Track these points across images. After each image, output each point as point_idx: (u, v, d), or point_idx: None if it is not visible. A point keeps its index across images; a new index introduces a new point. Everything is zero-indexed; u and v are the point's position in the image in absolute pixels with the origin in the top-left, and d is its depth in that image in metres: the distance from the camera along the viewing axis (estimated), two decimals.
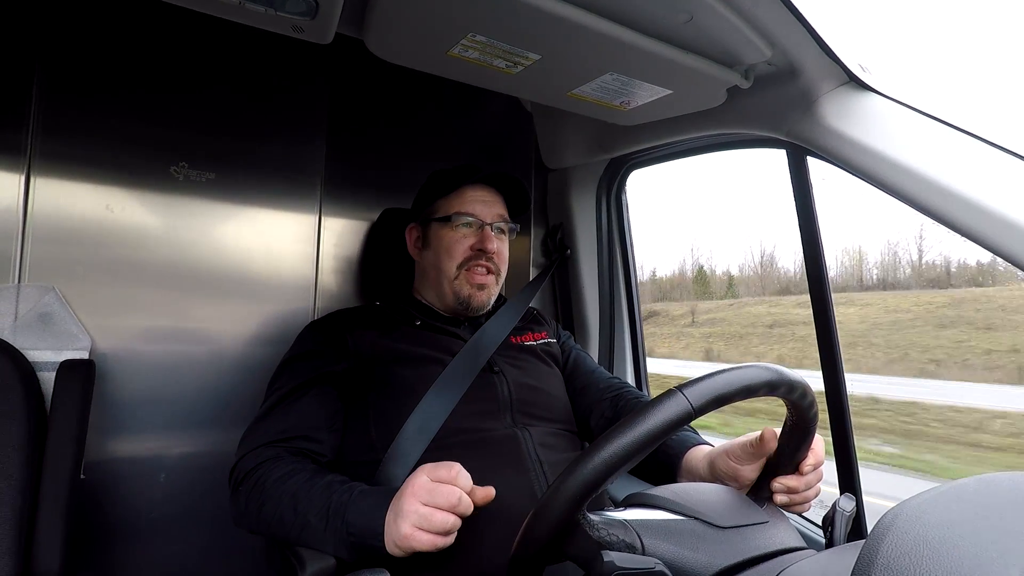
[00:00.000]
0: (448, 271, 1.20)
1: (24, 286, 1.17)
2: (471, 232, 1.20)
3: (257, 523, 0.94)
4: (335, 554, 0.87)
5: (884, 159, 0.94)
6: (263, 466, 0.96)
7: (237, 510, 0.97)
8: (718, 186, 19.15)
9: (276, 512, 0.90)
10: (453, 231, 1.20)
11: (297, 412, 1.03)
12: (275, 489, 0.91)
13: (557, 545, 0.62)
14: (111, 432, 1.25)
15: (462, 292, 1.19)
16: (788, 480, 0.82)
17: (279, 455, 0.97)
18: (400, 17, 0.90)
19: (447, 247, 1.20)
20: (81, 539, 1.19)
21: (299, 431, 1.01)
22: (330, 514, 0.86)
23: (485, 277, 1.20)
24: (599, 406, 1.23)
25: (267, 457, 0.97)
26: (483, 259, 1.19)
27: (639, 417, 0.60)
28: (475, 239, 1.20)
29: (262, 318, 1.44)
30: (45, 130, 1.21)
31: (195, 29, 1.36)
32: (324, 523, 0.86)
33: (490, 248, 1.19)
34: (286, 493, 0.90)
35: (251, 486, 0.94)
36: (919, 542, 0.41)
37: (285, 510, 0.89)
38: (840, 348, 1.20)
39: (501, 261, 1.23)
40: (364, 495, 0.87)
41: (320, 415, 1.04)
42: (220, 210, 1.40)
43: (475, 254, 1.19)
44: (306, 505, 0.88)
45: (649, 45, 0.96)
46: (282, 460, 0.96)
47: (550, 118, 1.79)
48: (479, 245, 1.19)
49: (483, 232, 1.20)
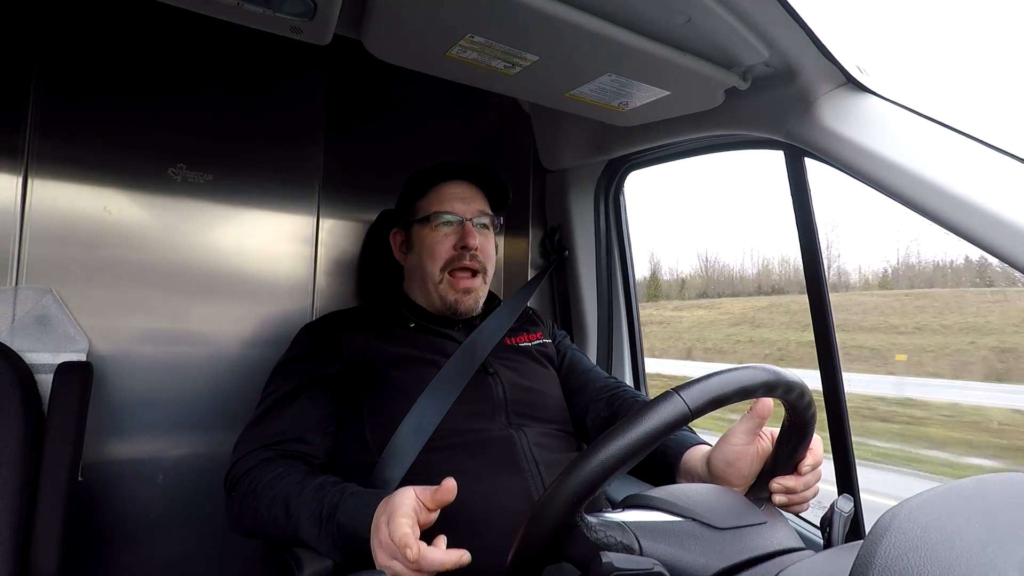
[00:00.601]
0: (432, 274, 1.19)
1: (21, 288, 1.17)
2: (452, 230, 1.19)
3: (252, 526, 0.94)
4: (329, 556, 0.86)
5: (882, 160, 0.94)
6: (256, 470, 0.96)
7: (232, 514, 0.98)
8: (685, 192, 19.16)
9: (270, 515, 0.90)
10: (434, 231, 1.19)
11: (290, 415, 1.03)
12: (267, 492, 0.92)
13: (555, 547, 0.62)
14: (109, 434, 1.25)
15: (448, 297, 1.19)
16: (786, 480, 0.82)
17: (271, 458, 0.98)
18: (398, 18, 0.90)
19: (429, 248, 1.19)
20: (79, 541, 1.19)
21: (292, 434, 1.01)
22: (322, 516, 0.86)
23: (470, 281, 1.19)
24: (595, 406, 1.23)
25: (260, 459, 0.97)
26: (467, 258, 1.18)
27: (636, 419, 0.60)
28: (457, 237, 1.19)
29: (260, 319, 1.44)
30: (43, 131, 1.21)
31: (193, 30, 1.35)
32: (317, 526, 0.86)
33: (472, 244, 1.17)
34: (279, 495, 0.90)
35: (244, 490, 0.95)
36: (917, 543, 0.41)
37: (278, 512, 0.89)
38: (838, 349, 1.20)
39: (486, 257, 1.22)
40: (355, 495, 0.87)
41: (313, 418, 1.04)
42: (218, 211, 1.39)
43: (459, 253, 1.18)
44: (298, 507, 0.88)
45: (647, 46, 0.96)
46: (274, 462, 0.96)
47: (548, 119, 1.79)
48: (461, 242, 1.18)
49: (464, 228, 1.19)
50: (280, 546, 0.94)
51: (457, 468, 0.99)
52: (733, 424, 0.90)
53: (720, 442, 0.91)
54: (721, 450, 0.90)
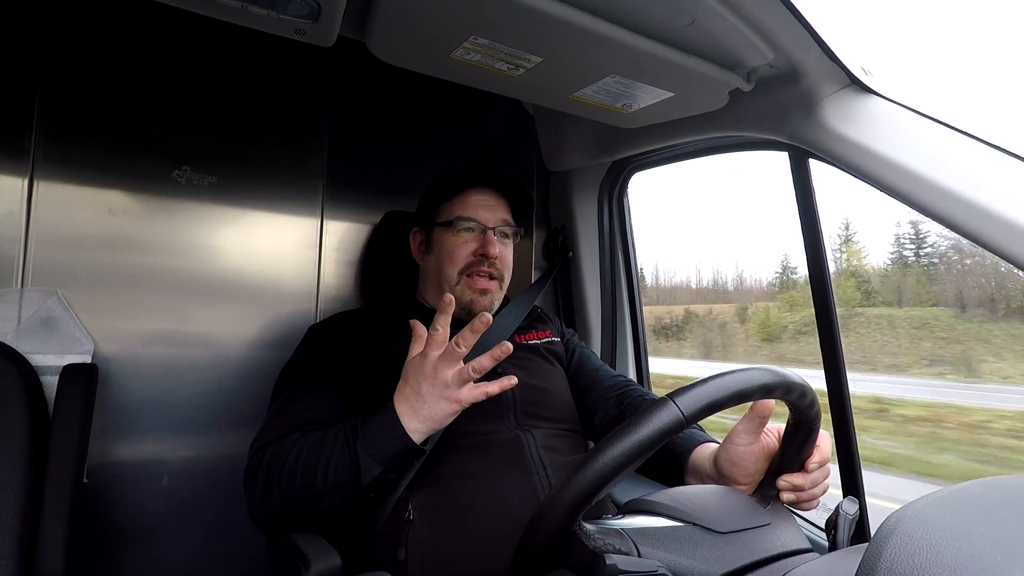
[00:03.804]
0: (450, 277, 1.19)
1: (27, 290, 1.18)
2: (473, 237, 1.20)
3: (280, 495, 0.91)
4: (367, 476, 0.88)
5: (886, 162, 0.94)
6: (274, 446, 0.95)
7: (253, 501, 0.95)
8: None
9: (296, 468, 0.90)
10: (455, 236, 1.20)
11: (303, 408, 1.02)
12: (292, 449, 0.92)
13: (556, 555, 0.62)
14: (114, 436, 1.25)
15: (464, 298, 1.18)
16: (794, 478, 0.81)
17: (288, 435, 0.98)
18: (402, 20, 0.90)
19: (449, 252, 1.20)
20: (84, 543, 1.19)
21: (306, 419, 1.00)
22: (347, 436, 0.90)
23: (488, 283, 1.20)
24: (604, 404, 1.22)
25: (277, 442, 0.97)
26: (485, 265, 1.19)
27: (629, 428, 0.59)
28: (477, 244, 1.19)
29: (264, 321, 1.44)
30: (48, 134, 1.22)
31: (197, 33, 1.36)
32: (346, 447, 0.89)
33: (492, 253, 1.18)
34: (304, 447, 0.92)
35: (266, 466, 0.93)
36: (923, 545, 0.41)
37: (309, 456, 0.90)
38: (843, 351, 1.20)
39: (504, 266, 1.23)
40: (370, 412, 0.92)
41: (325, 410, 1.03)
42: (222, 213, 1.40)
43: (477, 260, 1.19)
44: (326, 446, 0.90)
45: (651, 48, 0.96)
46: (292, 436, 0.96)
47: (552, 121, 1.79)
48: (481, 250, 1.18)
49: (485, 237, 1.19)
50: (305, 516, 0.93)
51: (465, 470, 0.99)
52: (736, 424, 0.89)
53: (725, 442, 0.90)
54: (726, 449, 0.89)
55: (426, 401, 0.88)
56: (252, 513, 0.96)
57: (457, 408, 0.89)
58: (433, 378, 0.87)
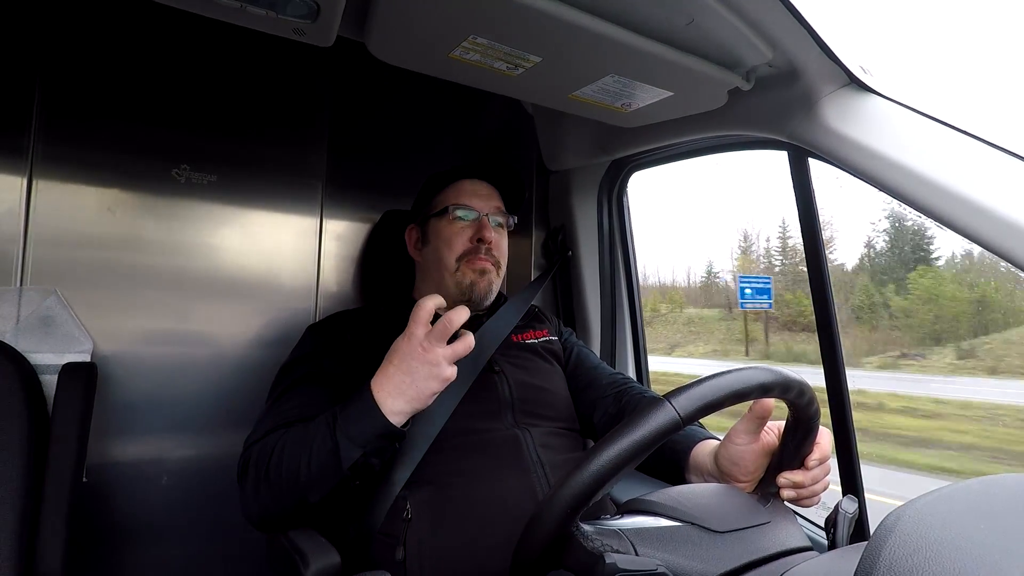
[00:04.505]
0: (448, 263, 1.20)
1: (26, 289, 1.18)
2: (468, 224, 1.21)
3: (268, 488, 0.91)
4: (346, 463, 0.88)
5: (886, 161, 0.94)
6: (262, 442, 0.96)
7: (245, 497, 0.95)
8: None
9: (282, 459, 0.90)
10: (451, 224, 1.20)
11: (298, 403, 1.02)
12: (278, 443, 0.93)
13: (554, 557, 0.62)
14: (113, 435, 1.25)
15: (464, 281, 1.19)
16: (794, 475, 0.81)
17: (277, 429, 0.98)
18: (401, 19, 0.90)
19: (447, 240, 1.20)
20: (83, 542, 1.19)
21: (297, 416, 0.99)
22: (330, 423, 0.90)
23: (486, 263, 1.20)
24: (603, 402, 1.22)
25: (266, 437, 0.97)
26: (482, 252, 1.19)
27: (625, 430, 0.59)
28: (473, 230, 1.20)
29: (263, 320, 1.44)
30: (47, 133, 1.21)
31: (196, 32, 1.36)
32: (329, 432, 0.89)
33: (487, 236, 1.19)
34: (289, 439, 0.92)
35: (255, 461, 0.94)
36: (922, 544, 0.41)
37: (293, 447, 0.91)
38: (842, 348, 1.20)
39: (500, 254, 1.23)
40: (349, 400, 0.93)
41: (318, 406, 1.02)
42: (222, 212, 1.40)
43: (474, 246, 1.19)
44: (312, 432, 0.91)
45: (650, 47, 0.96)
46: (280, 431, 0.97)
47: (551, 120, 1.79)
48: (477, 236, 1.19)
49: (480, 222, 1.20)
50: (294, 513, 0.92)
51: (463, 469, 0.99)
52: (736, 422, 0.89)
53: (725, 441, 0.90)
54: (726, 448, 0.89)
55: (416, 380, 0.89)
56: (245, 509, 0.96)
57: (442, 386, 0.90)
58: (423, 355, 0.88)
